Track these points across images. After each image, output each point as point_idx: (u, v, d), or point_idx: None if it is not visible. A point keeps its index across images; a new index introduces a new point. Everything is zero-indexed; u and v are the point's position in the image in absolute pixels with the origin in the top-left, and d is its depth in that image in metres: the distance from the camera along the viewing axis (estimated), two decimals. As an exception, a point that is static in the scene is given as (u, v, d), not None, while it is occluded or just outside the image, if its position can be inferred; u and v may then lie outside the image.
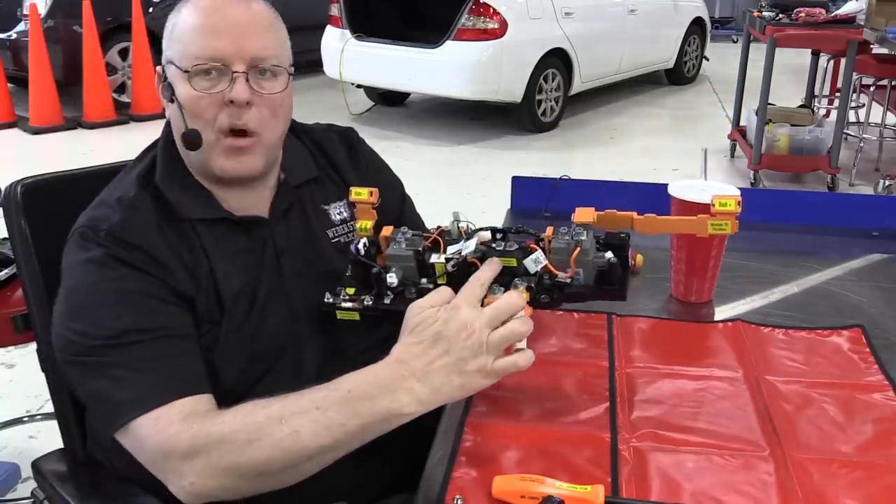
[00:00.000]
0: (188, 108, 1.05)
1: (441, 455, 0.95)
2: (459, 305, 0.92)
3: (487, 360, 0.91)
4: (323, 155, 1.24)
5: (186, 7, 1.07)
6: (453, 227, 1.04)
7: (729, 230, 1.02)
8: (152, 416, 0.95)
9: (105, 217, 1.05)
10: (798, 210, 1.70)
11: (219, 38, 1.04)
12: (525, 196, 1.74)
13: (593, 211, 1.00)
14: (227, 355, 1.07)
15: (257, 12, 1.08)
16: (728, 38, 11.27)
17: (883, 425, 1.01)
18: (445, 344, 0.91)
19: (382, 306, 1.02)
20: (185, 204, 1.09)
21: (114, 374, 0.98)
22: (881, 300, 1.36)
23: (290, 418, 0.91)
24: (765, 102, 4.73)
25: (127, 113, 6.37)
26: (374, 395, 0.91)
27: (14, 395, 2.67)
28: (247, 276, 1.10)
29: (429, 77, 5.86)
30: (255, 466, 0.92)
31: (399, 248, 1.01)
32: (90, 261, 1.02)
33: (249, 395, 0.96)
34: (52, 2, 6.12)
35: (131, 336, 0.99)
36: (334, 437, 0.91)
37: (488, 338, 0.91)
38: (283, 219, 1.15)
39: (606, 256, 0.98)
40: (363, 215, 1.06)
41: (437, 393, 0.91)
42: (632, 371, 1.13)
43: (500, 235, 1.01)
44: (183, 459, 0.93)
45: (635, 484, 0.90)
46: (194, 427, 0.93)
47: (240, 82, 1.04)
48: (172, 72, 1.06)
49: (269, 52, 1.07)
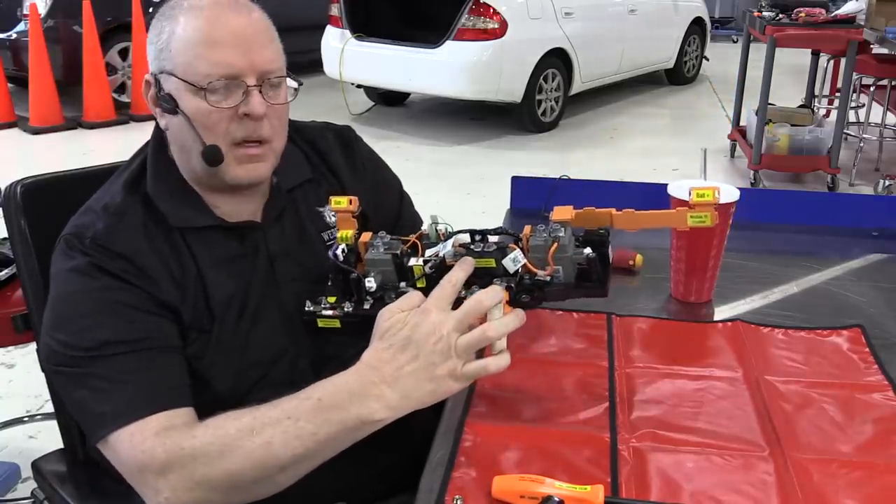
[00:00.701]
0: (200, 121, 1.04)
1: (441, 455, 0.95)
2: (429, 309, 0.92)
3: (457, 363, 0.91)
4: (317, 155, 1.23)
5: (183, 16, 1.04)
6: (431, 229, 1.03)
7: (709, 222, 0.98)
8: (128, 431, 0.95)
9: (90, 224, 1.05)
10: (798, 210, 1.70)
11: (228, 53, 1.02)
12: (525, 196, 1.74)
13: (571, 209, 0.99)
14: (219, 363, 1.07)
15: (258, 22, 1.07)
16: (728, 38, 11.28)
17: (882, 425, 1.01)
18: (415, 349, 0.90)
19: (362, 312, 1.02)
20: (177, 213, 1.08)
21: (94, 386, 0.98)
22: (881, 300, 1.36)
23: (261, 430, 0.91)
24: (765, 102, 4.73)
25: (127, 113, 6.37)
26: (344, 402, 0.90)
27: (14, 395, 2.67)
28: (237, 282, 1.09)
29: (429, 77, 5.86)
30: (227, 479, 0.92)
31: (377, 253, 1.01)
32: (73, 269, 1.02)
33: (245, 402, 0.96)
34: (52, 2, 6.12)
35: (112, 348, 0.98)
36: (306, 447, 0.90)
37: (457, 342, 0.91)
38: (276, 223, 1.15)
39: (585, 252, 0.97)
40: (343, 224, 1.05)
41: (407, 399, 0.91)
42: (631, 371, 1.13)
43: (478, 237, 1.01)
44: (158, 475, 0.93)
45: (635, 484, 0.90)
46: (168, 442, 0.93)
47: (255, 96, 1.04)
48: (174, 84, 1.04)
49: (276, 65, 1.07)
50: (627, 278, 1.43)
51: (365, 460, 1.00)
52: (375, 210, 1.19)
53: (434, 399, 0.92)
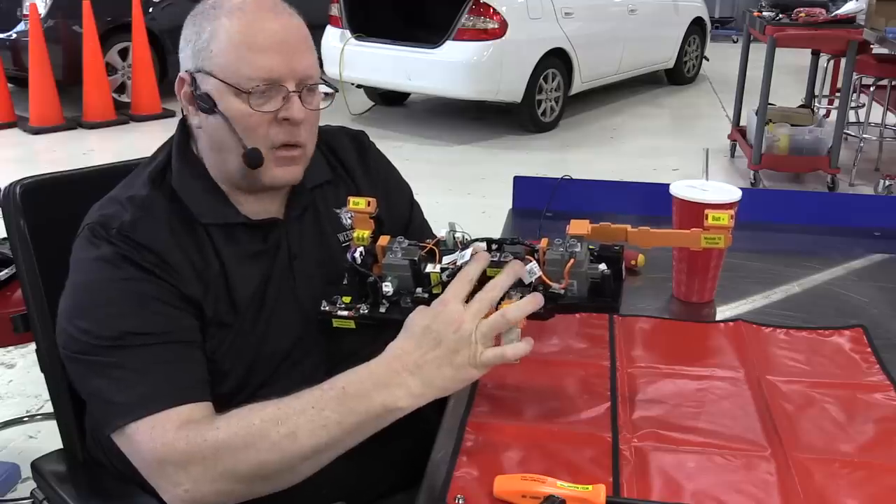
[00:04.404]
0: (241, 123, 1.05)
1: (443, 454, 0.95)
2: (448, 299, 0.94)
3: (477, 349, 0.92)
4: (334, 157, 1.24)
5: (226, 17, 1.04)
6: (449, 237, 1.04)
7: (722, 244, 1.01)
8: (148, 423, 0.95)
9: (116, 215, 1.05)
10: (798, 210, 1.70)
11: (271, 58, 1.04)
12: (526, 196, 1.73)
13: (588, 223, 1.01)
14: (233, 358, 1.07)
15: (300, 29, 1.09)
16: (728, 38, 11.28)
17: (884, 425, 1.01)
18: (435, 337, 0.92)
19: (378, 315, 1.03)
20: (203, 209, 1.09)
21: (114, 375, 0.98)
22: (883, 300, 1.36)
23: (286, 420, 0.91)
24: (765, 102, 4.73)
25: (127, 113, 6.37)
26: (368, 391, 0.92)
27: (14, 395, 2.67)
28: (260, 277, 1.10)
29: (429, 77, 5.87)
30: (252, 470, 0.92)
31: (395, 258, 1.02)
32: (99, 258, 1.02)
33: (256, 398, 0.96)
34: (52, 2, 6.12)
35: (135, 339, 0.98)
36: (331, 436, 0.91)
37: (476, 328, 0.92)
38: (297, 221, 1.16)
39: (600, 269, 0.99)
40: (361, 224, 1.06)
41: (429, 386, 0.92)
42: (633, 371, 1.13)
43: (495, 246, 1.02)
44: (178, 467, 0.93)
45: (637, 483, 0.90)
46: (190, 435, 0.93)
47: (296, 102, 1.05)
48: (214, 84, 1.05)
49: (314, 71, 1.09)
50: (630, 278, 1.43)
51: (366, 459, 1.00)
52: (387, 215, 1.20)
53: (455, 386, 0.94)
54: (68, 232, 1.09)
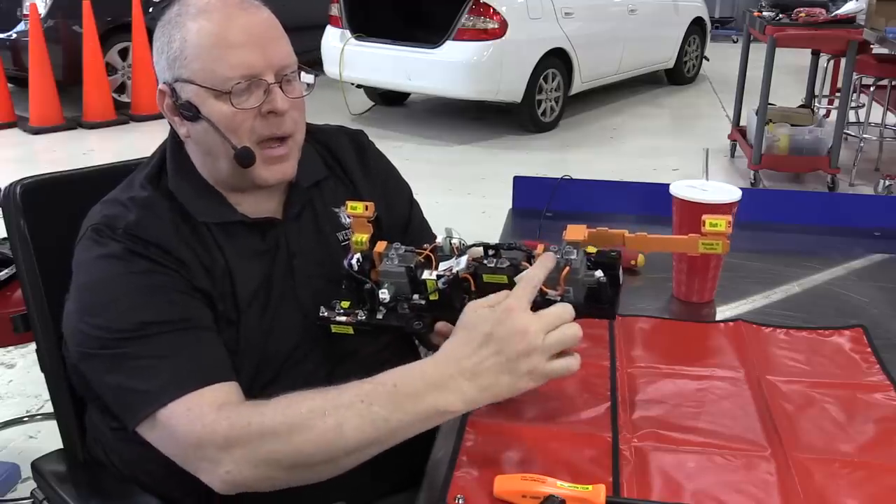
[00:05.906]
0: (225, 125, 1.05)
1: (443, 454, 0.95)
2: (513, 307, 0.91)
3: (540, 360, 0.90)
4: (332, 157, 1.24)
5: (192, 21, 1.04)
6: (445, 243, 1.04)
7: (720, 250, 1.01)
8: (183, 405, 0.94)
9: (121, 215, 1.05)
10: (798, 210, 1.70)
11: (246, 53, 1.03)
12: (526, 196, 1.73)
13: (584, 228, 1.00)
14: (241, 357, 1.07)
15: (268, 18, 1.07)
16: (728, 38, 11.27)
17: (884, 425, 1.01)
18: (497, 345, 0.90)
19: (374, 321, 1.03)
20: (199, 208, 1.09)
21: (136, 366, 0.97)
22: (883, 300, 1.36)
23: (333, 411, 0.90)
24: (765, 102, 4.72)
25: (127, 113, 6.37)
26: (420, 391, 0.90)
27: (14, 395, 2.67)
28: (261, 276, 1.10)
29: (429, 77, 5.86)
30: (294, 458, 0.91)
31: (392, 265, 1.02)
32: (107, 256, 1.02)
33: (259, 398, 0.96)
34: (52, 2, 6.12)
35: (152, 328, 0.98)
36: (377, 432, 0.90)
37: (544, 340, 0.90)
38: (295, 220, 1.16)
39: (596, 275, 0.98)
40: (359, 229, 1.06)
41: (484, 392, 0.90)
42: (633, 371, 1.13)
43: (491, 252, 1.01)
44: (220, 449, 0.92)
45: (636, 483, 0.90)
46: (232, 416, 0.93)
47: (278, 93, 1.05)
48: (194, 91, 1.04)
49: (291, 59, 1.08)
50: (630, 278, 1.43)
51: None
52: (386, 215, 1.20)
53: (510, 394, 0.91)
54: (68, 232, 1.09)
